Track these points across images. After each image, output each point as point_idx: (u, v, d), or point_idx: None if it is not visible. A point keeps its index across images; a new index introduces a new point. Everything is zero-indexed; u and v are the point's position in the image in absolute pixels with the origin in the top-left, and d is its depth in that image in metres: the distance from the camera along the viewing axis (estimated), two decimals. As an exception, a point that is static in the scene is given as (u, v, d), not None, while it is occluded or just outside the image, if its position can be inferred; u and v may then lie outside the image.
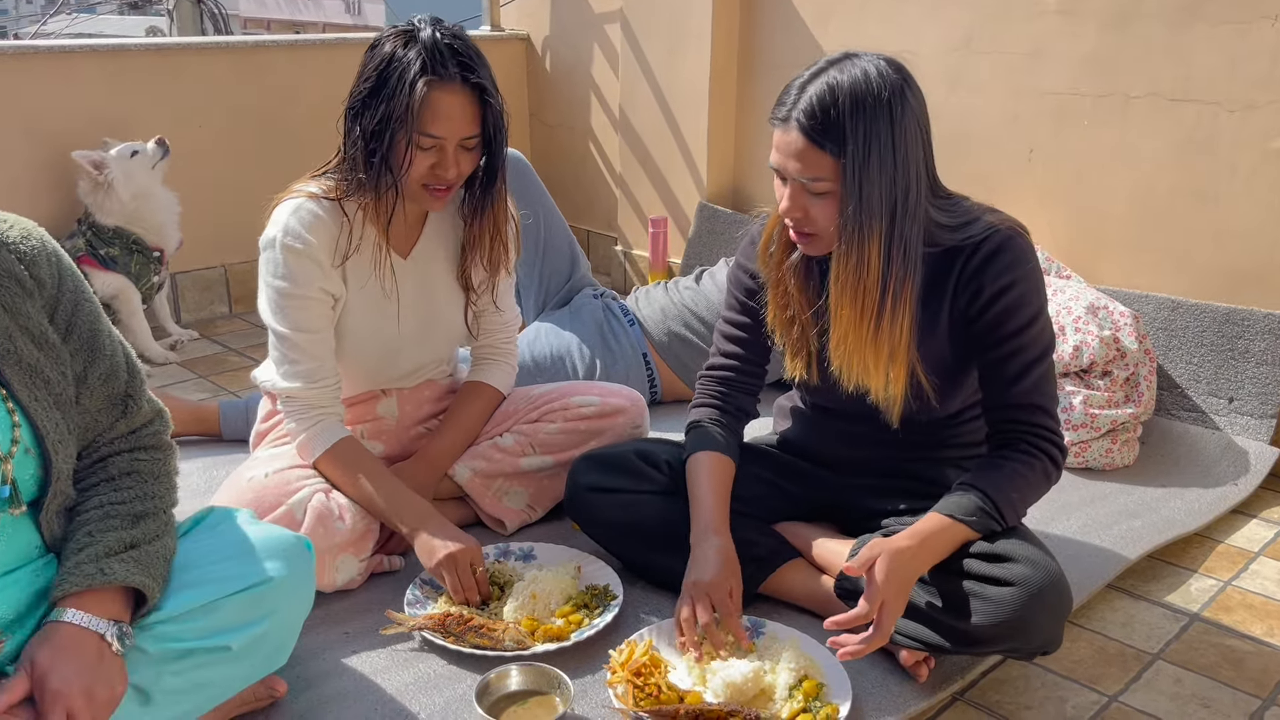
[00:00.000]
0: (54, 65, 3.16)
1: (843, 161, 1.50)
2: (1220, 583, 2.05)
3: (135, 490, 1.34)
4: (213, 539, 1.43)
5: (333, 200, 1.85)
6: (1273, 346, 2.47)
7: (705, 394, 1.89)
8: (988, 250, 1.60)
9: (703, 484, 1.76)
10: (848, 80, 1.50)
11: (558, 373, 2.59)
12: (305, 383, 1.86)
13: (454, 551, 1.77)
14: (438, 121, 1.73)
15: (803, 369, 1.75)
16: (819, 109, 1.50)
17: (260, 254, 1.86)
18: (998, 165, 2.93)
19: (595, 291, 2.86)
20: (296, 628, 1.50)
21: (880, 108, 1.49)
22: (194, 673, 1.35)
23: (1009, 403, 1.64)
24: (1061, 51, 2.76)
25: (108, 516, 1.30)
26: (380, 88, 1.73)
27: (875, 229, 1.52)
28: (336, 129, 1.83)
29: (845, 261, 1.55)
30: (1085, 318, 2.49)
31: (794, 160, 1.54)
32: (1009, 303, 1.61)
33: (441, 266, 2.01)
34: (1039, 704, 1.67)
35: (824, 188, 1.53)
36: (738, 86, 3.58)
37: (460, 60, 1.73)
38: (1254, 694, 1.71)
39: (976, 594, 1.55)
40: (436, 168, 1.77)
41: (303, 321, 1.84)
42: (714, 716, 1.50)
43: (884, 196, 1.51)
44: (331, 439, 1.88)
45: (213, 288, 3.61)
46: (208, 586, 1.35)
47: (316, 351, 1.87)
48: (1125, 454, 2.46)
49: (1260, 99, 2.45)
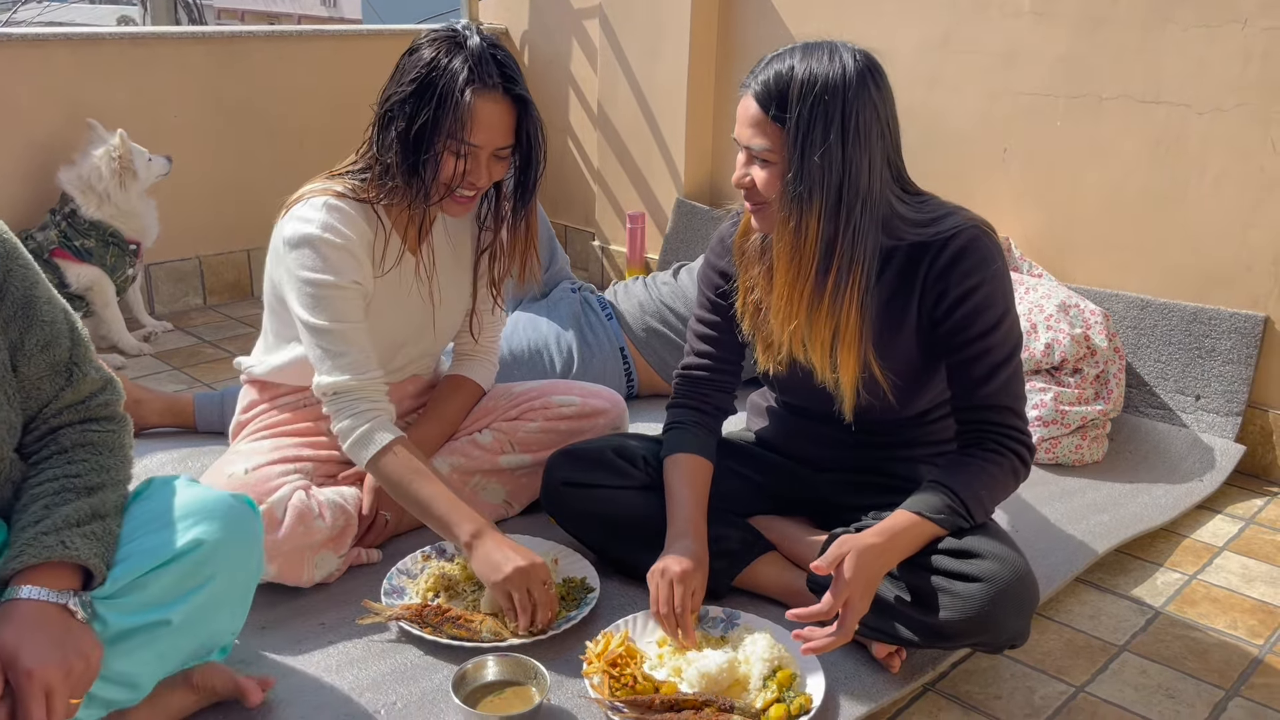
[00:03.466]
0: (26, 53, 3.13)
1: (788, 139, 1.54)
2: (1186, 576, 2.09)
3: (90, 463, 1.30)
4: (143, 509, 1.35)
5: (362, 201, 1.83)
6: (1239, 345, 2.52)
7: (682, 394, 1.90)
8: (954, 250, 1.61)
9: (679, 487, 1.77)
10: (811, 59, 1.56)
11: (535, 365, 2.60)
12: (354, 374, 1.79)
13: (524, 566, 1.68)
14: (478, 130, 1.73)
15: (770, 359, 1.77)
16: (774, 81, 1.55)
17: (287, 253, 1.81)
18: (972, 164, 2.96)
19: (573, 285, 2.87)
20: (246, 590, 1.44)
21: (835, 88, 1.53)
22: (139, 652, 1.29)
23: (977, 404, 1.66)
24: (1036, 53, 2.80)
25: (63, 490, 1.26)
26: (421, 93, 1.72)
27: (815, 202, 1.54)
28: (365, 133, 1.82)
29: (784, 226, 1.58)
30: (1057, 316, 2.52)
31: (747, 127, 1.59)
32: (975, 304, 1.62)
33: (446, 265, 2.01)
34: (1008, 694, 1.70)
35: (769, 156, 1.57)
36: (715, 84, 3.59)
37: (503, 70, 1.74)
38: (1217, 685, 1.75)
39: (944, 589, 1.57)
40: (468, 174, 1.77)
41: (344, 313, 1.81)
42: (689, 706, 1.52)
43: (828, 172, 1.53)
44: (386, 439, 1.78)
45: (187, 279, 3.59)
46: (136, 560, 1.29)
47: (360, 342, 1.82)
48: (1094, 450, 2.49)
49: (1228, 102, 2.49)
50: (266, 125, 3.61)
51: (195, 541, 1.31)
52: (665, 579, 1.64)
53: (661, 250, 3.68)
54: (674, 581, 1.64)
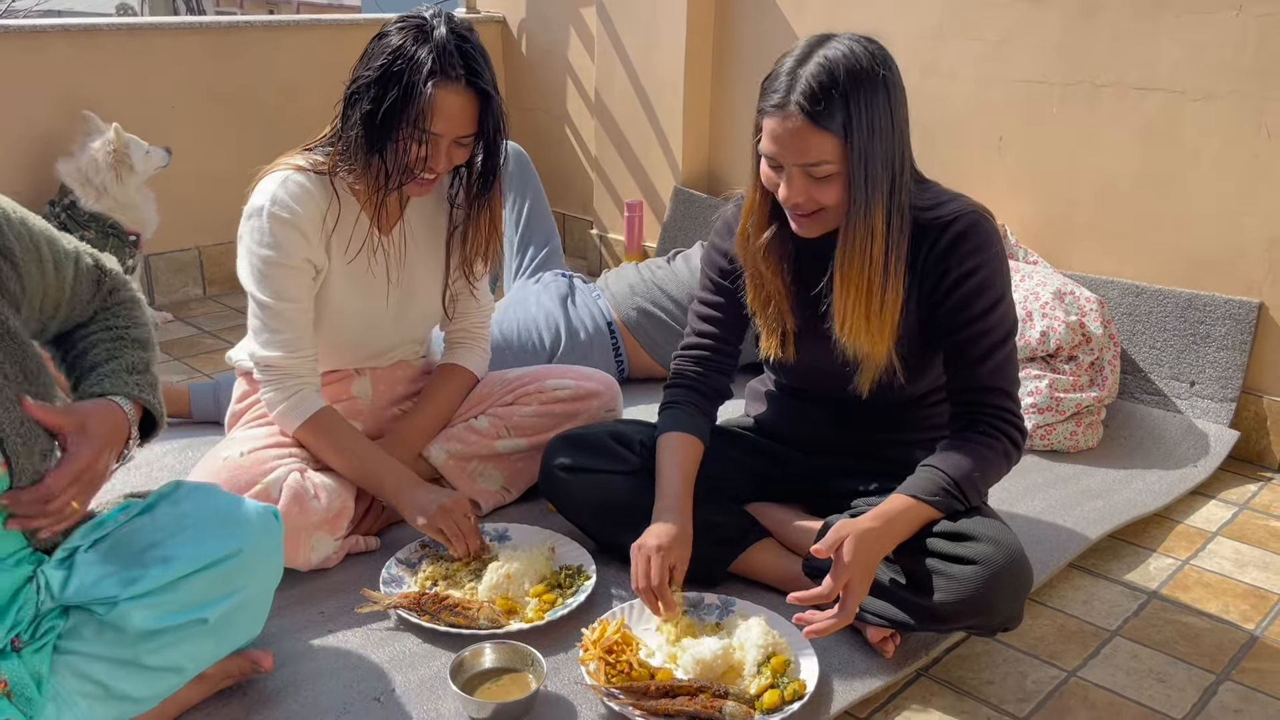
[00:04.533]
0: (24, 44, 3.13)
1: (848, 141, 1.51)
2: (1179, 562, 2.10)
3: (133, 317, 1.51)
4: (181, 513, 1.44)
5: (321, 174, 1.86)
6: (1233, 331, 2.53)
7: (680, 374, 1.91)
8: (954, 233, 1.63)
9: (668, 466, 1.79)
10: (840, 56, 1.51)
11: (523, 347, 2.62)
12: (286, 351, 1.88)
13: (446, 504, 1.82)
14: (439, 120, 1.76)
15: (777, 347, 1.78)
16: (819, 90, 1.50)
17: (244, 222, 1.87)
18: (968, 151, 2.97)
19: (562, 272, 2.93)
20: (268, 597, 1.52)
21: (876, 79, 1.52)
22: (172, 649, 1.37)
23: (972, 385, 1.68)
24: (1031, 39, 2.80)
25: (119, 340, 1.47)
26: (386, 80, 1.75)
27: (879, 200, 1.55)
28: (334, 108, 1.85)
29: (852, 236, 1.57)
30: (1052, 303, 2.53)
31: (794, 148, 1.53)
32: (973, 286, 1.64)
33: (421, 246, 2.03)
34: (1000, 679, 1.72)
35: (828, 170, 1.54)
36: (713, 71, 3.59)
37: (467, 63, 1.76)
38: (1208, 669, 1.77)
39: (939, 572, 1.58)
40: (429, 159, 1.80)
41: (285, 290, 1.86)
42: (684, 692, 1.53)
43: (885, 166, 1.54)
44: (311, 408, 1.90)
45: (186, 270, 3.60)
46: (180, 561, 1.37)
47: (298, 321, 1.88)
48: (1089, 436, 2.51)
49: (1222, 88, 2.49)
50: (265, 115, 3.61)
51: (235, 550, 1.41)
52: (643, 554, 1.66)
53: (660, 238, 3.69)
54: (650, 556, 1.65)
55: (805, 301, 1.74)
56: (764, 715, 1.52)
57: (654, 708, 1.52)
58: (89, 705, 1.34)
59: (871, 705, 1.65)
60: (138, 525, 1.42)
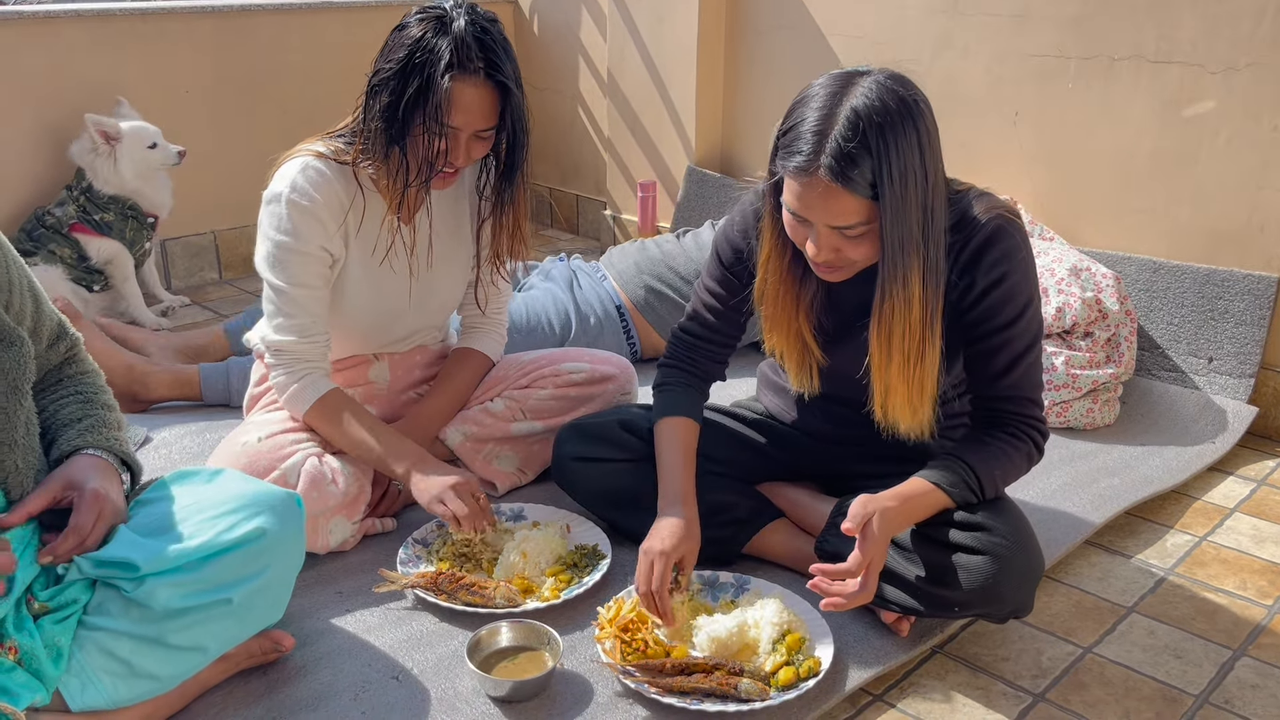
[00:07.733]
0: (38, 30, 3.14)
1: (880, 202, 1.43)
2: (1196, 538, 2.10)
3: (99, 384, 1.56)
4: (206, 494, 1.47)
5: (343, 164, 1.86)
6: (1251, 307, 2.51)
7: (674, 354, 1.89)
8: (979, 242, 1.57)
9: (669, 455, 1.77)
10: (867, 109, 1.41)
11: (534, 332, 2.63)
12: (298, 337, 1.88)
13: (454, 483, 1.81)
14: (456, 113, 1.75)
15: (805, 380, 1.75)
16: (850, 154, 1.41)
17: (263, 207, 1.87)
18: (984, 128, 2.95)
19: (560, 256, 2.95)
20: (291, 581, 1.54)
21: (907, 125, 1.42)
22: (197, 628, 1.39)
23: (997, 394, 1.65)
24: (1046, 13, 2.77)
25: (87, 402, 1.51)
26: (406, 72, 1.73)
27: (914, 261, 1.48)
28: (356, 100, 1.84)
29: (889, 303, 1.51)
30: (1068, 279, 2.52)
31: (824, 210, 1.46)
32: (1001, 295, 1.59)
33: (444, 236, 2.02)
34: (1015, 656, 1.72)
35: (860, 231, 1.48)
36: (725, 50, 3.57)
37: (487, 55, 1.74)
38: (1225, 645, 1.76)
39: (949, 561, 1.58)
40: (449, 153, 1.79)
41: (301, 276, 1.86)
42: (699, 670, 1.54)
43: (917, 223, 1.46)
44: (320, 390, 1.90)
45: (202, 254, 3.61)
46: (206, 538, 1.39)
47: (311, 307, 1.89)
48: (1106, 413, 2.49)
49: (1241, 61, 2.46)
50: (278, 99, 3.62)
51: (259, 531, 1.43)
52: (647, 559, 1.64)
53: (673, 219, 3.68)
54: (654, 560, 1.64)
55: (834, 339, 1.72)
56: (779, 692, 1.53)
57: (670, 685, 1.53)
58: (113, 683, 1.36)
59: (886, 682, 1.65)
60: (164, 505, 1.45)
